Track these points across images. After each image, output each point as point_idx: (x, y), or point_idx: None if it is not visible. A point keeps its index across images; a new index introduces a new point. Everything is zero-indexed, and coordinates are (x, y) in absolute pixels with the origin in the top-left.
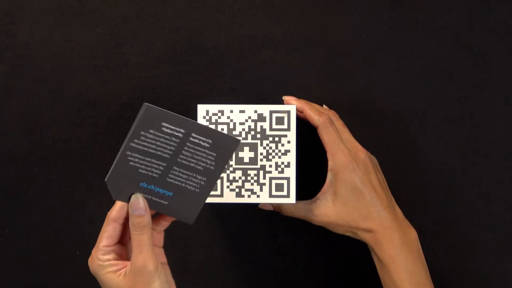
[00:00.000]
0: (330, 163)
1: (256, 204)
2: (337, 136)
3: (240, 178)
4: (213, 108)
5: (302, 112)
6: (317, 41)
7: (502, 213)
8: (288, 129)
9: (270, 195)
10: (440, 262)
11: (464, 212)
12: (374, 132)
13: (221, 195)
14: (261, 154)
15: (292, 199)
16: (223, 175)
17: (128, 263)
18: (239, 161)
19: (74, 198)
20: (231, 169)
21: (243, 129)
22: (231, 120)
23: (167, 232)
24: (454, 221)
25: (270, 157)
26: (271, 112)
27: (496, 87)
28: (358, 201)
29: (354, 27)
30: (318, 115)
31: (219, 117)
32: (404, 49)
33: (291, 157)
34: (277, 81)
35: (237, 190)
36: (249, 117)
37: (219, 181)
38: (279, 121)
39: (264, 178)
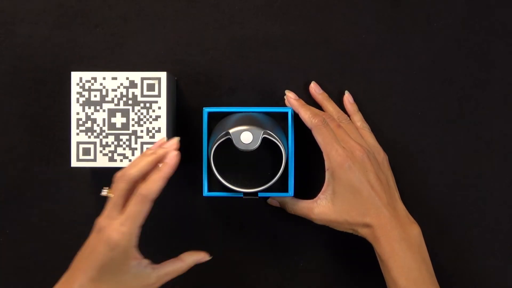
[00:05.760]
0: (326, 163)
1: (239, 196)
2: (331, 137)
3: (112, 143)
4: (86, 75)
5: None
6: (317, 41)
7: (502, 213)
8: (159, 95)
9: None
10: (440, 262)
11: (464, 212)
12: (374, 132)
13: (94, 160)
14: (133, 119)
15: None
16: (96, 140)
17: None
18: (112, 126)
19: (74, 198)
20: (104, 134)
21: (115, 96)
22: (104, 87)
23: (167, 231)
24: (454, 221)
25: (142, 122)
26: (142, 79)
27: (496, 87)
28: (355, 198)
29: (354, 27)
30: (311, 117)
31: (92, 84)
32: (404, 49)
33: (162, 122)
34: (277, 81)
35: (109, 154)
36: (121, 84)
37: (92, 146)
38: (150, 87)
39: (136, 143)
